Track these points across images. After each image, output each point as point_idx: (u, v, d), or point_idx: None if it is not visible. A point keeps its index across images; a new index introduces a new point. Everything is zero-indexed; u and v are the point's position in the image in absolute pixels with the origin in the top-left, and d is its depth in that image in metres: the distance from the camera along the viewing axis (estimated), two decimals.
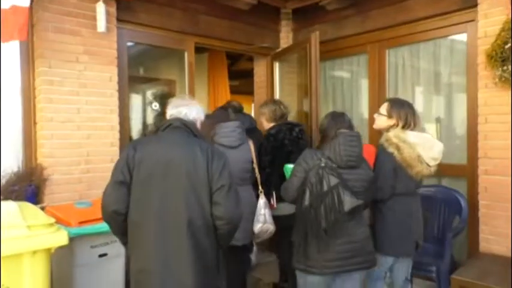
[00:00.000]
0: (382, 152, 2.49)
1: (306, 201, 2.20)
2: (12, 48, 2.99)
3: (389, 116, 2.54)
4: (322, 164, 2.20)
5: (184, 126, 2.06)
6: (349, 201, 2.14)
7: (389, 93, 3.96)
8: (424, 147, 2.46)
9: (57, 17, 3.01)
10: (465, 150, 3.40)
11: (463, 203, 3.19)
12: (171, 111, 2.15)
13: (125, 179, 1.92)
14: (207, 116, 2.53)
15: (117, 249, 2.80)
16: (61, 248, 2.23)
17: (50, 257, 2.24)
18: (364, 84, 4.20)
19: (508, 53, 2.87)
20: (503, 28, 2.93)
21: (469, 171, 3.34)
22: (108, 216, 1.96)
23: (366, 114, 4.17)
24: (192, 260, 1.89)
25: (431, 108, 3.83)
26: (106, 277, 2.76)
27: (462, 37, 3.44)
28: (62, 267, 2.69)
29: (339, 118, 2.42)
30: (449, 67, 3.67)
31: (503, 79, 2.94)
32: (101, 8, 3.08)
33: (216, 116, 3.12)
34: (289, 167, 2.50)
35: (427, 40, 3.69)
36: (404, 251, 2.54)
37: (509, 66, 2.87)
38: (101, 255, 2.72)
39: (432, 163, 2.49)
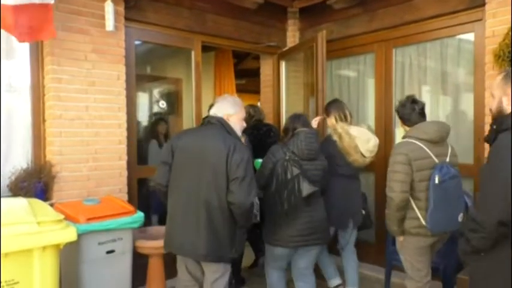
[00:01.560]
0: (326, 139, 3.32)
1: (273, 188, 2.71)
2: (22, 46, 3.03)
3: (328, 115, 3.32)
4: (287, 157, 2.70)
5: (219, 123, 2.45)
6: (306, 188, 2.61)
7: (396, 93, 3.95)
8: (362, 140, 3.12)
9: (66, 15, 3.04)
10: (472, 150, 3.39)
11: (470, 202, 3.18)
12: (213, 110, 2.57)
13: (167, 160, 2.47)
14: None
15: (124, 246, 2.83)
16: (69, 244, 2.27)
17: (59, 253, 2.28)
18: (371, 83, 4.19)
19: None
20: (510, 27, 2.91)
21: (475, 171, 3.32)
22: (154, 186, 2.61)
23: (372, 113, 4.16)
24: (205, 232, 2.34)
25: (438, 107, 3.82)
26: (113, 273, 2.79)
27: (469, 36, 3.43)
28: (70, 263, 2.73)
29: (295, 119, 2.93)
30: (457, 67, 3.65)
31: None
32: (109, 7, 3.11)
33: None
34: (259, 161, 3.05)
35: (435, 39, 3.67)
36: (342, 223, 3.22)
37: None
38: (108, 252, 2.76)
39: (367, 154, 3.14)
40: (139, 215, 2.87)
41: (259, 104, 5.19)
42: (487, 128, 3.13)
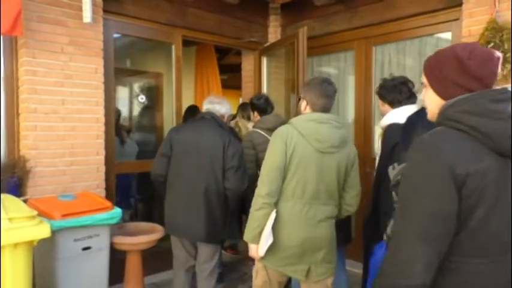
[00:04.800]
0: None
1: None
2: None
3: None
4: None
5: (213, 119, 2.74)
6: None
7: (376, 90, 3.99)
8: None
9: (42, 6, 2.95)
10: None
11: None
12: (206, 106, 2.84)
13: (166, 152, 2.71)
14: None
15: (101, 243, 2.78)
16: (44, 241, 2.21)
17: (32, 250, 2.22)
18: (351, 80, 4.23)
19: None
20: (486, 28, 2.97)
21: None
22: (153, 177, 2.80)
23: (352, 110, 4.20)
24: (204, 214, 2.65)
25: (418, 105, 3.87)
26: (89, 270, 2.74)
27: (447, 35, 3.49)
28: (45, 261, 2.67)
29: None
30: None
31: None
32: None
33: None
34: None
35: (413, 38, 3.73)
36: None
37: None
38: (84, 249, 2.70)
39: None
40: (117, 211, 2.83)
41: (241, 100, 5.18)
42: None
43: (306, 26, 3.92)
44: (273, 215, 1.98)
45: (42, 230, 2.16)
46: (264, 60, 4.66)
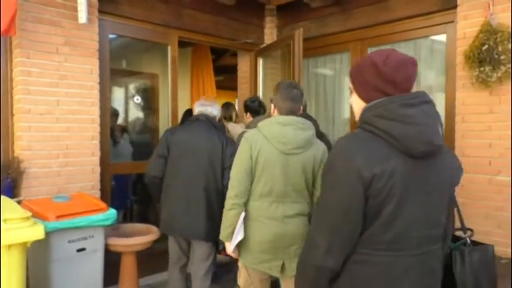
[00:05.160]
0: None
1: None
2: None
3: None
4: None
5: (208, 120, 2.84)
6: None
7: None
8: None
9: (37, 6, 2.94)
10: None
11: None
12: (199, 108, 2.91)
13: (163, 153, 2.76)
14: None
15: (95, 244, 2.77)
16: (38, 242, 2.20)
17: (26, 252, 2.21)
18: (347, 82, 4.24)
19: (485, 55, 2.94)
20: (481, 30, 3.00)
21: None
22: (149, 179, 2.82)
23: (347, 111, 4.21)
24: (204, 212, 2.72)
25: None
26: (84, 272, 2.73)
27: (442, 38, 3.51)
28: (39, 262, 2.65)
29: None
30: (429, 67, 3.74)
31: (480, 80, 3.01)
32: None
33: None
34: None
35: (408, 40, 3.75)
36: None
37: (486, 67, 2.94)
38: (79, 250, 2.69)
39: None
40: (112, 212, 2.81)
41: (237, 100, 5.18)
42: (458, 126, 3.24)
43: (302, 27, 3.93)
44: (242, 214, 2.10)
45: (36, 232, 2.15)
46: (260, 62, 4.66)
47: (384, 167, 1.12)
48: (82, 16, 3.04)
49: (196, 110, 2.93)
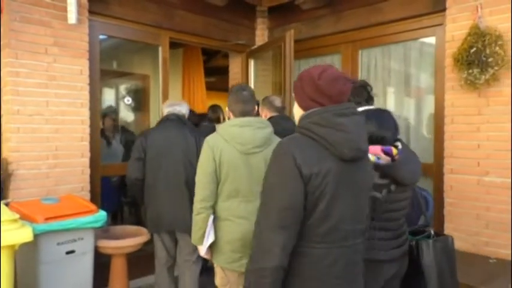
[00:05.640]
0: None
1: None
2: None
3: None
4: None
5: (178, 119, 2.97)
6: None
7: None
8: None
9: (26, 6, 2.91)
10: (432, 150, 3.51)
11: (430, 200, 3.29)
12: (168, 109, 3.04)
13: (140, 156, 2.87)
14: None
15: (85, 246, 2.75)
16: (26, 244, 2.18)
17: (14, 254, 2.18)
18: None
19: (473, 57, 2.97)
20: (469, 33, 3.03)
21: (435, 170, 3.45)
22: (131, 182, 2.93)
23: None
24: (188, 205, 2.64)
25: (402, 108, 3.93)
26: (73, 274, 2.70)
27: (431, 40, 3.54)
28: (28, 265, 2.62)
29: None
30: (419, 69, 3.77)
31: (468, 82, 3.04)
32: None
33: None
34: None
35: (398, 42, 3.78)
36: None
37: (474, 70, 2.97)
38: (68, 252, 2.66)
39: None
40: (102, 214, 2.79)
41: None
42: (447, 128, 3.27)
43: (293, 29, 3.94)
44: (211, 217, 2.16)
45: (24, 234, 2.13)
46: (251, 63, 4.67)
47: (320, 167, 1.27)
48: (72, 16, 3.02)
49: (166, 110, 3.05)
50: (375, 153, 1.75)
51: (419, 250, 1.86)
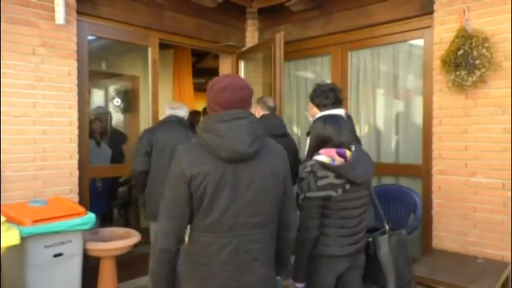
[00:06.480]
0: None
1: None
2: None
3: None
4: None
5: (178, 120, 3.24)
6: None
7: (351, 95, 4.07)
8: None
9: (12, 6, 2.87)
10: (421, 151, 3.54)
11: (418, 201, 3.33)
12: (169, 111, 3.28)
13: (147, 151, 3.08)
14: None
15: (73, 249, 2.72)
16: (13, 248, 2.15)
17: (0, 258, 2.15)
18: None
19: (460, 59, 3.01)
20: (457, 35, 3.07)
21: (424, 171, 3.48)
22: (136, 174, 3.13)
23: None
24: None
25: (391, 110, 3.96)
26: (61, 278, 2.68)
27: (419, 42, 3.58)
28: (15, 268, 2.59)
29: None
30: (407, 71, 3.81)
31: (456, 84, 3.08)
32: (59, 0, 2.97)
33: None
34: None
35: (387, 44, 3.81)
36: None
37: (462, 72, 3.01)
38: (56, 255, 2.64)
39: None
40: (90, 216, 2.77)
41: None
42: (435, 129, 3.31)
43: (283, 30, 3.95)
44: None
45: (11, 237, 2.10)
46: (242, 64, 4.66)
47: (200, 169, 1.44)
48: (59, 17, 2.99)
49: (167, 112, 3.31)
50: (329, 155, 1.95)
51: (376, 245, 2.12)
